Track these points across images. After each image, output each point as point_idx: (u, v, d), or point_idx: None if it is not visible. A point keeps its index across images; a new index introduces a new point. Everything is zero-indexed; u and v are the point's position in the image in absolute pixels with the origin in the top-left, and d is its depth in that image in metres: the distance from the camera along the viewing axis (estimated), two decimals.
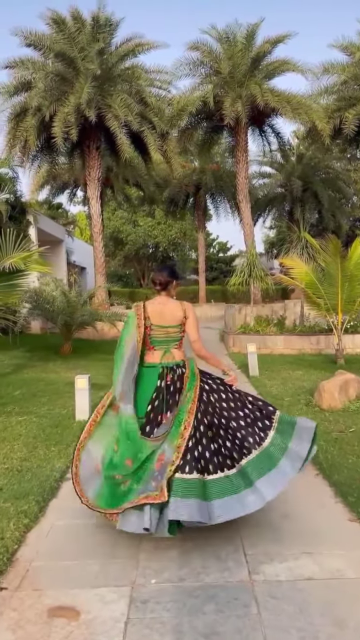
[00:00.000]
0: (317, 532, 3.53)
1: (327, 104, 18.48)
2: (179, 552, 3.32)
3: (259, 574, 3.04)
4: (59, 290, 12.68)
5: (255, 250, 17.17)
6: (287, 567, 3.11)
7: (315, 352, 12.90)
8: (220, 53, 18.30)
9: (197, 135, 20.73)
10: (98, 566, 3.18)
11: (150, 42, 17.15)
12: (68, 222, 29.34)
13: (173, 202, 27.73)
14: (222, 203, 27.87)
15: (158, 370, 3.59)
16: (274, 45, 17.93)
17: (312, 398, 7.32)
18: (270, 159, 26.15)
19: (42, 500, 4.12)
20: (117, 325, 14.12)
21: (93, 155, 17.83)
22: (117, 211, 37.08)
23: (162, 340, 3.64)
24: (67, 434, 5.88)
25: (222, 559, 3.22)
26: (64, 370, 10.21)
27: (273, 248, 36.25)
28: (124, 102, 15.91)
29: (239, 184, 19.49)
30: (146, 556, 3.28)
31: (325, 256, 10.82)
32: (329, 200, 25.29)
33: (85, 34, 16.50)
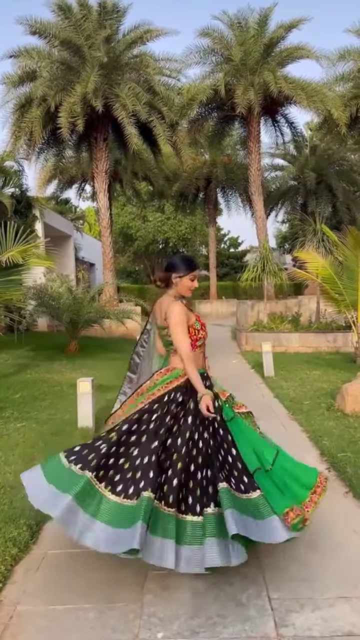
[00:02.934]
0: (353, 569, 3.00)
1: (343, 92, 17.80)
2: (190, 594, 2.80)
3: (287, 626, 2.52)
4: (65, 286, 12.20)
5: (268, 244, 16.57)
6: (320, 617, 2.58)
7: (332, 350, 12.34)
8: (232, 39, 17.68)
9: (207, 126, 20.13)
10: (95, 612, 2.67)
11: (159, 29, 16.56)
12: (76, 218, 28.92)
13: (183, 196, 27.14)
14: (234, 197, 27.23)
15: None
16: (288, 31, 17.26)
17: (334, 401, 6.78)
18: (283, 151, 25.50)
19: (35, 524, 3.62)
20: (126, 322, 13.63)
21: (100, 147, 17.30)
22: (126, 207, 36.57)
23: (168, 342, 3.23)
24: (68, 444, 5.33)
25: (243, 604, 2.70)
26: (69, 371, 9.72)
27: (286, 243, 35.61)
28: (132, 91, 15.36)
29: (252, 175, 18.89)
30: (152, 599, 2.76)
31: (344, 249, 10.27)
32: (344, 193, 24.59)
33: (91, 21, 15.95)
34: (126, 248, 39.90)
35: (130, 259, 41.68)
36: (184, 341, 3.06)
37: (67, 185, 24.39)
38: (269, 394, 7.83)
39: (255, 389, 8.26)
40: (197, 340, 3.18)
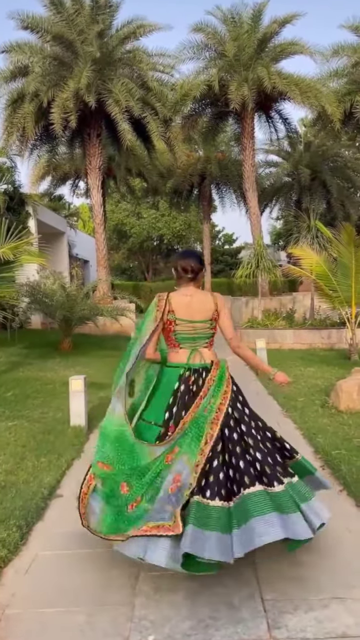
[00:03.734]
0: (347, 569, 2.95)
1: (337, 88, 17.76)
2: (182, 595, 2.75)
3: (280, 628, 2.47)
4: (58, 283, 12.13)
5: (263, 241, 16.53)
6: (314, 618, 2.53)
7: (326, 346, 12.32)
8: (226, 35, 17.61)
9: (201, 122, 20.06)
10: (85, 616, 2.62)
11: (152, 24, 16.48)
12: (70, 214, 28.78)
13: (177, 192, 27.05)
14: (228, 193, 27.16)
15: (179, 372, 3.03)
16: (282, 26, 17.21)
17: (328, 398, 6.75)
18: (277, 147, 25.43)
19: (26, 524, 3.56)
20: (120, 320, 13.57)
21: (94, 143, 17.20)
22: (120, 203, 36.44)
23: (189, 338, 3.09)
24: (60, 442, 5.33)
25: (235, 606, 2.65)
26: (62, 368, 9.66)
27: (280, 239, 35.57)
28: (125, 87, 15.28)
29: (246, 172, 18.82)
30: (143, 602, 2.71)
31: (338, 246, 10.25)
32: (338, 189, 24.55)
33: (84, 15, 15.84)
34: (120, 245, 39.79)
35: (124, 255, 41.57)
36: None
37: (60, 182, 24.25)
38: (263, 390, 7.80)
39: (250, 386, 8.21)
40: None
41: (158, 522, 2.59)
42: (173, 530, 2.54)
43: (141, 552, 2.59)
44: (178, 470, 2.71)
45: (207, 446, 2.74)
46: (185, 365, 3.04)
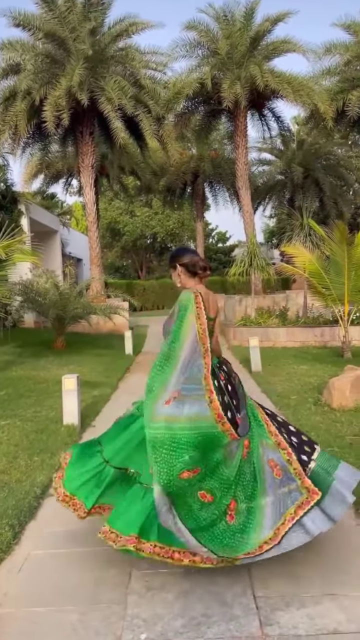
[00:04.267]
0: (339, 566, 2.97)
1: (329, 86, 17.78)
2: (175, 593, 2.76)
3: (272, 625, 2.48)
4: (51, 282, 12.09)
5: (256, 239, 16.54)
6: (306, 614, 2.54)
7: (319, 344, 12.36)
8: (218, 32, 17.57)
9: (194, 120, 20.01)
10: (77, 614, 2.62)
11: (144, 22, 16.43)
12: (63, 213, 28.73)
13: (170, 191, 27.02)
14: (221, 191, 27.15)
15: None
16: (274, 24, 17.20)
17: (321, 396, 6.77)
18: (270, 146, 25.43)
19: (18, 523, 3.56)
20: (113, 318, 13.55)
21: (86, 141, 17.15)
22: (113, 201, 36.38)
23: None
24: (52, 441, 5.32)
25: (228, 603, 2.66)
26: (55, 367, 9.64)
27: (273, 238, 35.63)
28: (117, 85, 15.22)
29: (239, 170, 18.83)
30: (136, 600, 2.72)
31: (331, 243, 10.25)
32: (331, 187, 24.59)
33: (76, 13, 15.76)
34: (114, 243, 39.75)
35: (118, 254, 41.53)
36: None
37: (53, 180, 24.17)
38: (257, 389, 7.80)
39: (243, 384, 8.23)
40: None
41: (294, 503, 2.76)
42: (313, 499, 2.74)
43: (306, 535, 2.75)
44: (268, 456, 2.84)
45: (271, 426, 2.93)
46: (214, 361, 2.99)
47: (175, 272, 3.11)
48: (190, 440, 2.67)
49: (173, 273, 3.15)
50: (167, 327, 2.98)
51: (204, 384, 2.78)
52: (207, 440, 2.71)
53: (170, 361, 2.83)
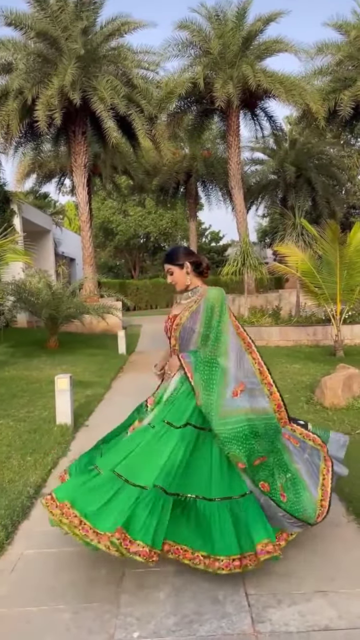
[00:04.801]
0: (331, 562, 2.99)
1: (321, 85, 17.84)
2: (167, 592, 2.77)
3: (264, 622, 2.50)
4: (43, 282, 12.07)
5: (249, 238, 16.57)
6: (297, 611, 2.57)
7: (312, 343, 12.41)
8: (210, 32, 17.57)
9: (187, 120, 20.01)
10: (70, 614, 2.63)
11: (136, 21, 16.40)
12: (56, 212, 28.66)
13: (163, 190, 27.03)
14: (214, 191, 27.19)
15: None
16: (266, 24, 17.22)
17: (313, 395, 6.80)
18: (262, 145, 25.50)
19: (11, 523, 3.56)
20: (106, 318, 13.54)
21: (79, 141, 17.12)
22: (106, 201, 36.35)
23: None
24: (45, 441, 5.32)
25: (220, 601, 2.68)
26: (48, 367, 9.63)
27: (266, 237, 35.73)
28: (110, 84, 15.20)
29: (231, 169, 18.86)
30: (128, 598, 2.73)
31: (323, 243, 10.30)
32: (323, 186, 24.69)
33: (68, 12, 15.71)
34: (107, 242, 39.72)
35: (111, 253, 41.51)
36: None
37: (46, 180, 24.11)
38: None
39: None
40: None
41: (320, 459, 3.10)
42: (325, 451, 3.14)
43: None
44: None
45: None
46: None
47: (183, 271, 3.05)
48: (263, 430, 2.82)
49: (179, 272, 3.06)
50: (192, 326, 2.94)
51: (260, 377, 2.94)
52: (273, 429, 2.89)
53: (220, 358, 2.85)
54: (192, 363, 2.87)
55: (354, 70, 17.64)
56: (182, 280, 3.06)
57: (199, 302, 2.99)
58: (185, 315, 2.97)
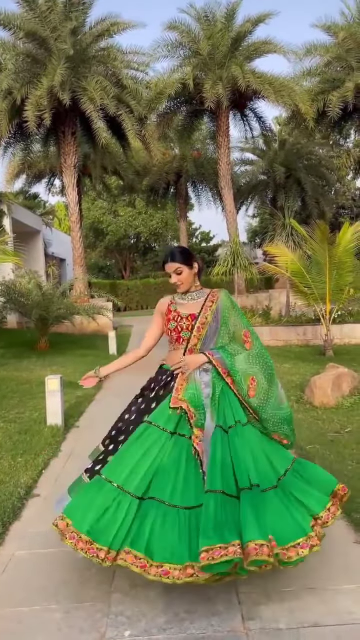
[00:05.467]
0: (319, 560, 3.01)
1: (310, 87, 17.96)
2: (159, 591, 2.79)
3: (254, 619, 2.53)
4: (34, 282, 12.05)
5: (239, 239, 16.63)
6: (287, 609, 2.60)
7: (302, 343, 12.48)
8: (200, 33, 17.64)
9: (177, 121, 20.07)
10: (61, 613, 2.64)
11: (126, 22, 16.44)
12: (46, 213, 28.58)
13: (154, 191, 27.05)
14: (204, 191, 27.26)
15: None
16: (255, 25, 17.33)
17: (303, 394, 6.86)
18: (252, 146, 25.59)
19: (2, 524, 3.57)
20: (97, 318, 13.54)
21: (69, 142, 17.10)
22: (96, 201, 36.28)
23: None
24: (36, 442, 5.32)
25: (211, 599, 2.70)
26: (38, 368, 9.62)
27: (256, 237, 35.85)
28: (99, 85, 15.21)
29: (221, 170, 18.92)
30: (120, 598, 2.74)
31: (313, 243, 10.37)
32: (313, 187, 24.82)
33: (57, 13, 15.71)
34: (97, 243, 39.64)
35: (101, 254, 41.43)
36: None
37: (35, 180, 24.05)
38: None
39: None
40: (167, 335, 3.06)
41: None
42: None
43: None
44: None
45: None
46: None
47: (192, 272, 3.01)
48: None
49: (188, 272, 2.99)
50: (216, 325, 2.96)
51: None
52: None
53: (264, 350, 3.07)
54: (222, 359, 2.91)
55: (343, 72, 17.78)
56: (189, 280, 3.02)
57: (216, 302, 3.01)
58: (209, 315, 2.98)
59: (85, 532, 2.55)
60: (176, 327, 2.97)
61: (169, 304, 3.05)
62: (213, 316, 2.99)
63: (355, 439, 5.09)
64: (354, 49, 17.45)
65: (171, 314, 3.00)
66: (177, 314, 2.99)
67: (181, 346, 2.97)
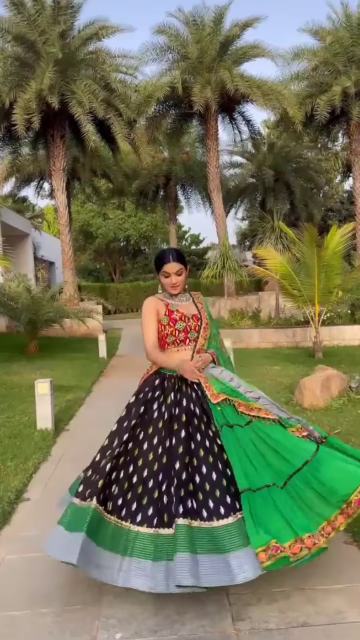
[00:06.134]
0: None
1: (298, 90, 18.09)
2: (149, 593, 2.79)
3: (244, 620, 2.55)
4: (22, 286, 12.01)
5: (228, 242, 16.71)
6: (277, 609, 2.62)
7: (291, 345, 12.54)
8: (188, 37, 17.72)
9: (165, 124, 20.13)
10: (52, 617, 2.64)
11: (114, 25, 16.49)
12: (35, 216, 28.51)
13: (143, 193, 27.08)
14: (194, 194, 27.36)
15: None
16: (243, 29, 17.44)
17: (292, 396, 6.90)
18: (241, 149, 25.73)
19: None
20: (87, 321, 13.51)
21: (57, 145, 17.08)
22: (86, 204, 36.23)
23: None
24: (26, 446, 5.31)
25: (202, 600, 2.71)
26: (28, 372, 9.59)
27: (245, 240, 35.95)
28: (88, 88, 15.22)
29: (210, 173, 18.99)
30: (111, 600, 2.75)
31: (301, 246, 10.44)
32: (301, 190, 24.99)
33: (45, 16, 15.72)
34: (87, 246, 39.56)
35: (91, 257, 41.34)
36: (144, 337, 2.99)
37: (24, 183, 24.00)
38: None
39: None
40: (165, 336, 2.97)
41: None
42: None
43: None
44: None
45: None
46: None
47: (186, 274, 3.05)
48: None
49: (184, 274, 3.03)
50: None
51: None
52: None
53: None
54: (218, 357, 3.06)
55: (330, 76, 17.92)
56: (184, 282, 3.07)
57: (202, 303, 3.14)
58: (206, 315, 3.10)
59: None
60: (185, 327, 2.96)
61: (166, 304, 3.01)
62: (208, 317, 3.10)
63: (344, 440, 5.08)
64: (341, 53, 17.62)
65: (174, 314, 2.97)
66: (182, 314, 2.98)
67: (187, 346, 2.96)
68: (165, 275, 2.98)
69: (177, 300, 3.05)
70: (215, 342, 3.08)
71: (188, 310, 3.01)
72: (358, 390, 6.71)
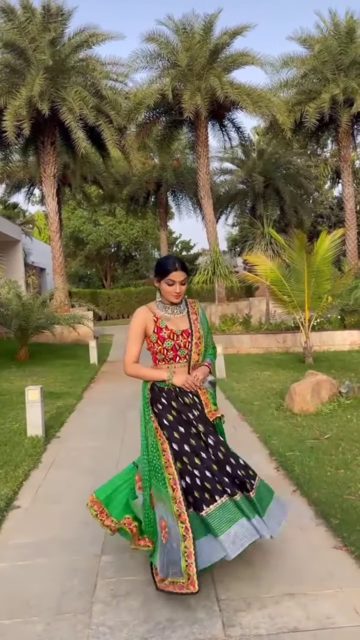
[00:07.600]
0: (298, 565, 3.06)
1: (287, 98, 18.25)
2: (140, 600, 2.80)
3: (234, 626, 2.55)
4: (13, 292, 11.97)
5: (219, 248, 16.76)
6: (267, 614, 2.62)
7: (282, 350, 12.59)
8: (178, 45, 17.83)
9: (156, 130, 20.23)
10: (42, 625, 2.63)
11: (104, 33, 16.55)
12: (25, 222, 28.44)
13: (134, 199, 27.13)
14: (184, 200, 27.45)
15: None
16: (233, 37, 17.57)
17: (283, 401, 6.92)
18: (231, 155, 25.87)
19: None
20: (77, 328, 13.49)
21: (48, 151, 17.09)
22: (76, 210, 36.21)
23: None
24: (17, 453, 5.29)
25: (192, 607, 2.72)
26: (18, 379, 9.55)
27: (236, 246, 36.09)
28: (78, 95, 15.26)
29: (200, 179, 19.07)
30: (101, 608, 2.75)
31: (291, 252, 10.48)
32: (291, 196, 25.15)
33: (35, 23, 15.76)
34: (77, 252, 39.50)
35: (82, 263, 41.26)
36: (126, 349, 2.99)
37: (15, 189, 23.97)
38: (221, 396, 7.90)
39: None
40: (155, 353, 2.93)
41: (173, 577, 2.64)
42: (188, 588, 2.56)
43: None
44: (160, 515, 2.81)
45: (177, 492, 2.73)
46: None
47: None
48: None
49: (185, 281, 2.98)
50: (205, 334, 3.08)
51: None
52: None
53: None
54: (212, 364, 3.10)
55: (318, 83, 18.10)
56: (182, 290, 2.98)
57: (197, 313, 3.06)
58: (200, 328, 2.99)
59: None
60: (173, 346, 2.90)
61: (154, 320, 2.94)
62: (202, 328, 3.02)
63: (334, 445, 5.15)
64: (329, 61, 17.81)
65: (162, 331, 2.90)
66: (170, 332, 2.91)
67: (177, 364, 2.94)
68: (170, 283, 2.89)
69: (170, 312, 2.97)
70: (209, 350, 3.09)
71: (177, 326, 2.94)
72: (348, 395, 6.75)
